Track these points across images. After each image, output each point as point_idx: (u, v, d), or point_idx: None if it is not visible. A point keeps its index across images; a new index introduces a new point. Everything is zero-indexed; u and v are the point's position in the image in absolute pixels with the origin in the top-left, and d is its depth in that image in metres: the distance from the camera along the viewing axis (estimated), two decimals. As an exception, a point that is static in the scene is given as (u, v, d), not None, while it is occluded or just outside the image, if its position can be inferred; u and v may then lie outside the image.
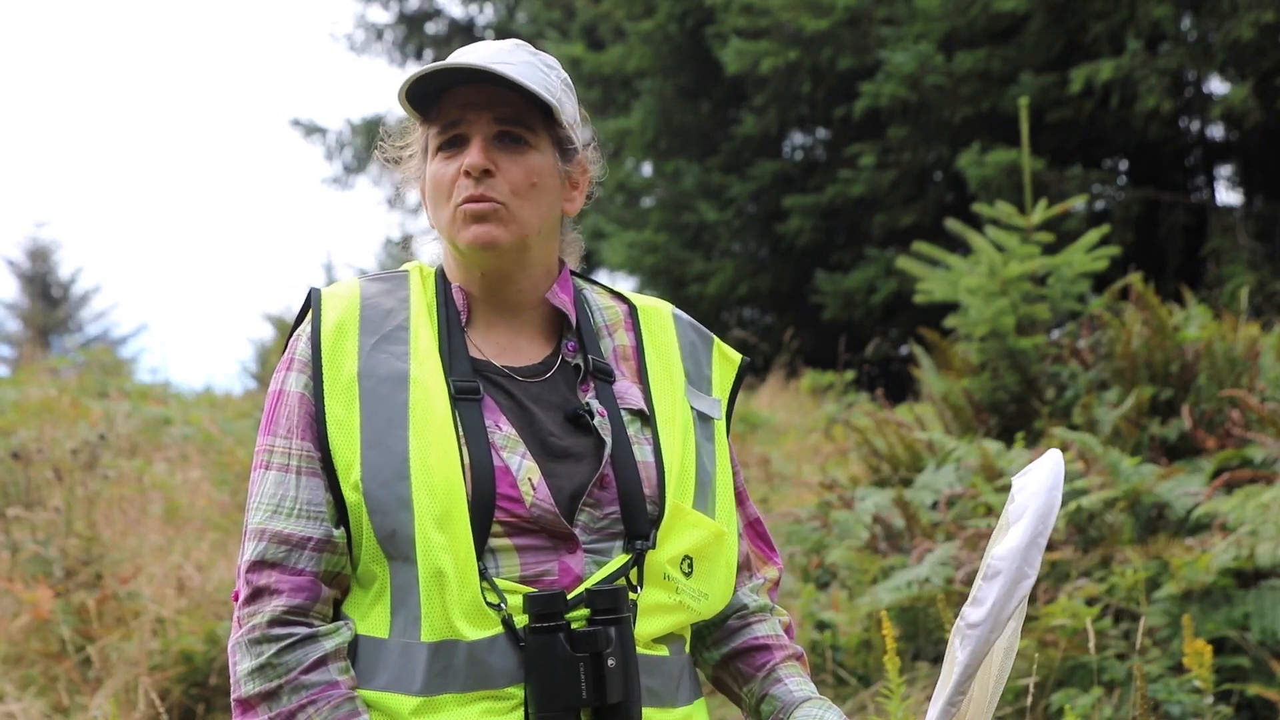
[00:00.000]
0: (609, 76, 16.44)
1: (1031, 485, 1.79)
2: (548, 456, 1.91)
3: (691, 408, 2.04)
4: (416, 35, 21.14)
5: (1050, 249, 7.12)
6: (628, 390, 2.01)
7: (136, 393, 10.40)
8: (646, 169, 16.72)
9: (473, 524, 1.84)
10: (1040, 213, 6.79)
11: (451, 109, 1.96)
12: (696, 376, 2.08)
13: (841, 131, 14.99)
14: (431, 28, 21.29)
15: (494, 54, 1.97)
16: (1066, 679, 4.48)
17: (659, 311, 2.11)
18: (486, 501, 1.85)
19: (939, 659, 4.87)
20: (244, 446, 8.13)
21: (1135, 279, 6.44)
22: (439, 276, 2.03)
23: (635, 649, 1.87)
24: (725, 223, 15.11)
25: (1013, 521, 1.78)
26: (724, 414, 2.09)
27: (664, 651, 1.94)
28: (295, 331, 1.97)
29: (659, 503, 1.94)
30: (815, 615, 5.18)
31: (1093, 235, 6.83)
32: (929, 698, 4.56)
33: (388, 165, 2.10)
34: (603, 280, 2.18)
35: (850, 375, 10.81)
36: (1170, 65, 11.85)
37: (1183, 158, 14.22)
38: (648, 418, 1.99)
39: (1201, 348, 6.03)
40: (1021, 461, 5.44)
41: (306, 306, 1.98)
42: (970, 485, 5.54)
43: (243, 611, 1.86)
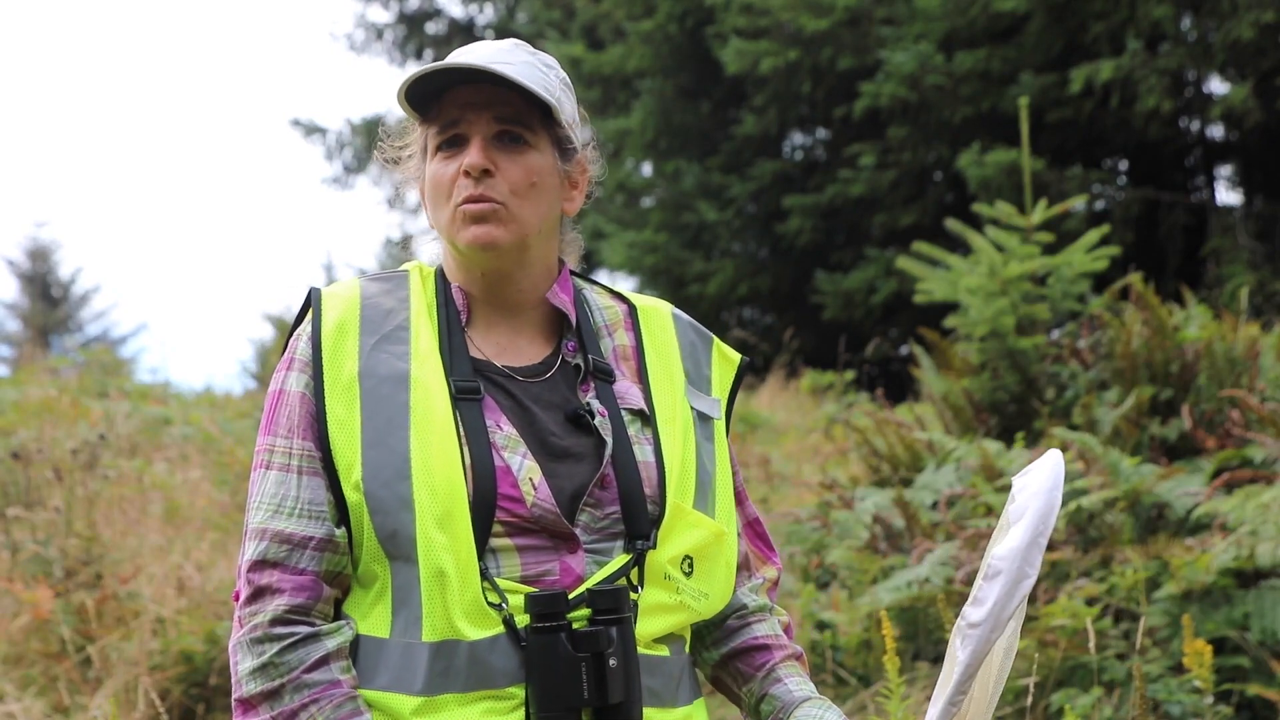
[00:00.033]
0: (609, 76, 16.44)
1: (1032, 485, 1.79)
2: (548, 456, 1.91)
3: (691, 407, 2.04)
4: (416, 35, 21.15)
5: (1050, 249, 7.11)
6: (628, 390, 2.01)
7: (136, 393, 10.39)
8: (646, 169, 16.72)
9: (474, 524, 1.84)
10: (1040, 213, 6.78)
11: (451, 109, 1.96)
12: (696, 376, 2.08)
13: (841, 131, 14.99)
14: (431, 27, 21.30)
15: (493, 54, 1.96)
16: (1066, 679, 4.48)
17: (658, 311, 2.11)
18: (488, 501, 1.85)
19: (939, 659, 4.87)
20: (244, 446, 8.12)
21: (1135, 279, 6.44)
22: (438, 276, 2.03)
23: (636, 649, 1.87)
24: (725, 223, 15.11)
25: (1013, 521, 1.78)
26: (723, 414, 2.09)
27: (664, 651, 1.94)
28: (295, 331, 1.97)
29: (659, 503, 1.94)
30: (815, 615, 5.18)
31: (1093, 235, 6.83)
32: (929, 698, 4.56)
33: (387, 165, 2.10)
34: (603, 280, 2.17)
35: (850, 375, 10.81)
36: (1170, 65, 11.85)
37: (1183, 158, 14.22)
38: (648, 418, 1.99)
39: (1201, 348, 6.03)
40: (1021, 461, 5.44)
41: (306, 306, 1.98)
42: (970, 485, 5.54)
43: (244, 611, 1.86)
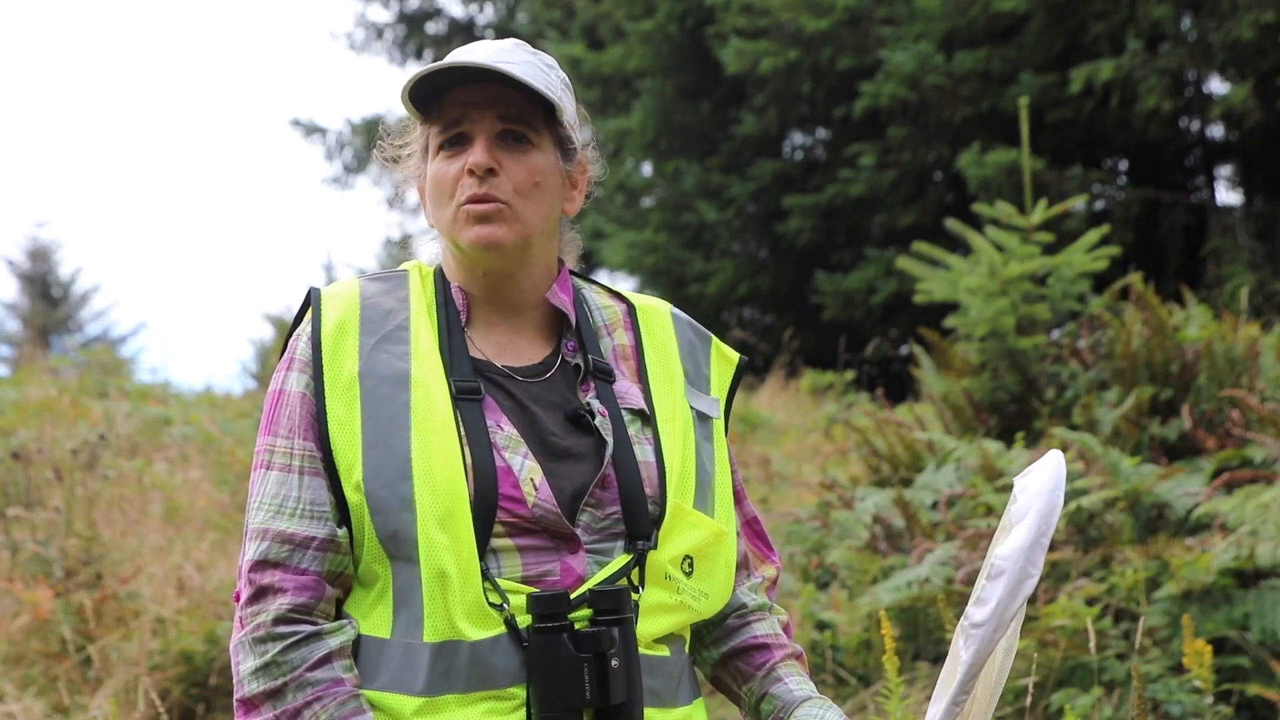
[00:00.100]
0: (609, 76, 16.44)
1: (1034, 486, 1.79)
2: (549, 457, 1.91)
3: (691, 407, 2.04)
4: (416, 35, 21.15)
5: (1050, 249, 7.11)
6: (628, 390, 2.01)
7: (136, 393, 10.39)
8: (646, 169, 16.72)
9: (475, 524, 1.84)
10: (1040, 213, 6.78)
11: (453, 108, 1.96)
12: (695, 376, 2.08)
13: (841, 131, 14.99)
14: (432, 27, 21.30)
15: (495, 53, 1.96)
16: (1066, 679, 4.48)
17: (657, 311, 2.11)
18: (489, 502, 1.85)
19: (939, 659, 4.87)
20: (244, 446, 8.12)
21: (1135, 279, 6.44)
22: (438, 276, 2.03)
23: (637, 649, 1.87)
24: (725, 223, 15.11)
25: (1015, 522, 1.78)
26: (722, 413, 2.09)
27: (665, 652, 1.94)
28: (295, 331, 1.97)
29: (660, 503, 1.94)
30: (815, 615, 5.17)
31: (1093, 235, 6.83)
32: (929, 698, 4.55)
33: (386, 164, 2.09)
34: (602, 280, 2.17)
35: (850, 375, 10.81)
36: (1170, 65, 11.85)
37: (1183, 158, 14.22)
38: (648, 417, 1.99)
39: (1201, 348, 6.03)
40: (1021, 461, 5.44)
41: (306, 306, 1.98)
42: (970, 485, 5.54)
43: (245, 611, 1.86)
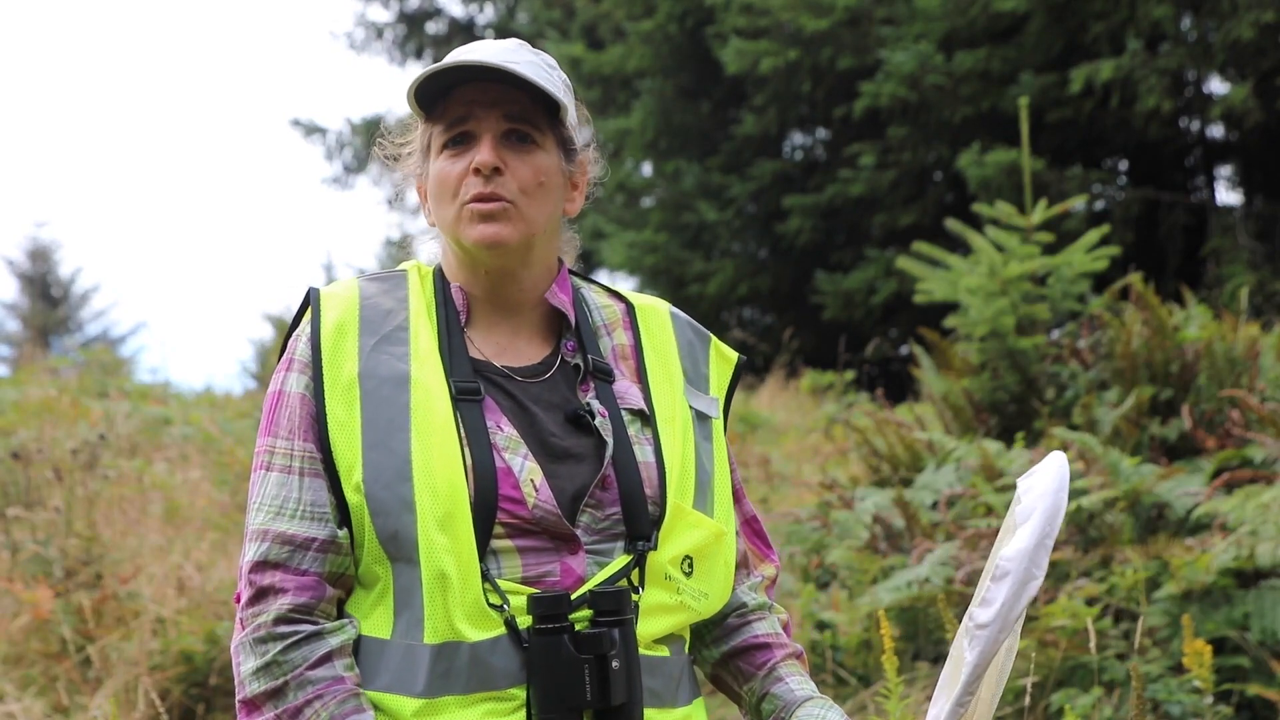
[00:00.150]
0: (609, 76, 16.44)
1: (1038, 487, 1.79)
2: (549, 457, 1.91)
3: (690, 406, 2.03)
4: (416, 34, 21.15)
5: (1050, 249, 7.11)
6: (627, 390, 2.00)
7: (136, 393, 10.39)
8: (646, 169, 16.72)
9: (475, 525, 1.83)
10: (1040, 213, 6.78)
11: (458, 106, 1.95)
12: (694, 375, 2.07)
13: (841, 131, 14.99)
14: (432, 27, 21.30)
15: (500, 52, 1.96)
16: (1066, 679, 4.48)
17: (656, 310, 2.10)
18: (489, 503, 1.85)
19: (939, 659, 4.87)
20: (244, 446, 8.12)
21: (1135, 279, 6.44)
22: (437, 276, 2.02)
23: (638, 650, 1.87)
24: (725, 223, 15.11)
25: (1020, 523, 1.78)
26: (721, 413, 2.09)
27: (665, 652, 1.94)
28: (294, 332, 1.96)
29: (660, 503, 1.94)
30: (815, 615, 5.17)
31: (1093, 235, 6.83)
32: (929, 698, 4.55)
33: (386, 162, 2.09)
34: (602, 280, 2.17)
35: (850, 375, 10.81)
36: (1170, 65, 11.85)
37: (1183, 158, 14.22)
38: (648, 417, 1.99)
39: (1201, 348, 6.03)
40: (1022, 461, 5.44)
41: (305, 306, 1.97)
42: (970, 485, 5.54)
43: (246, 612, 1.86)
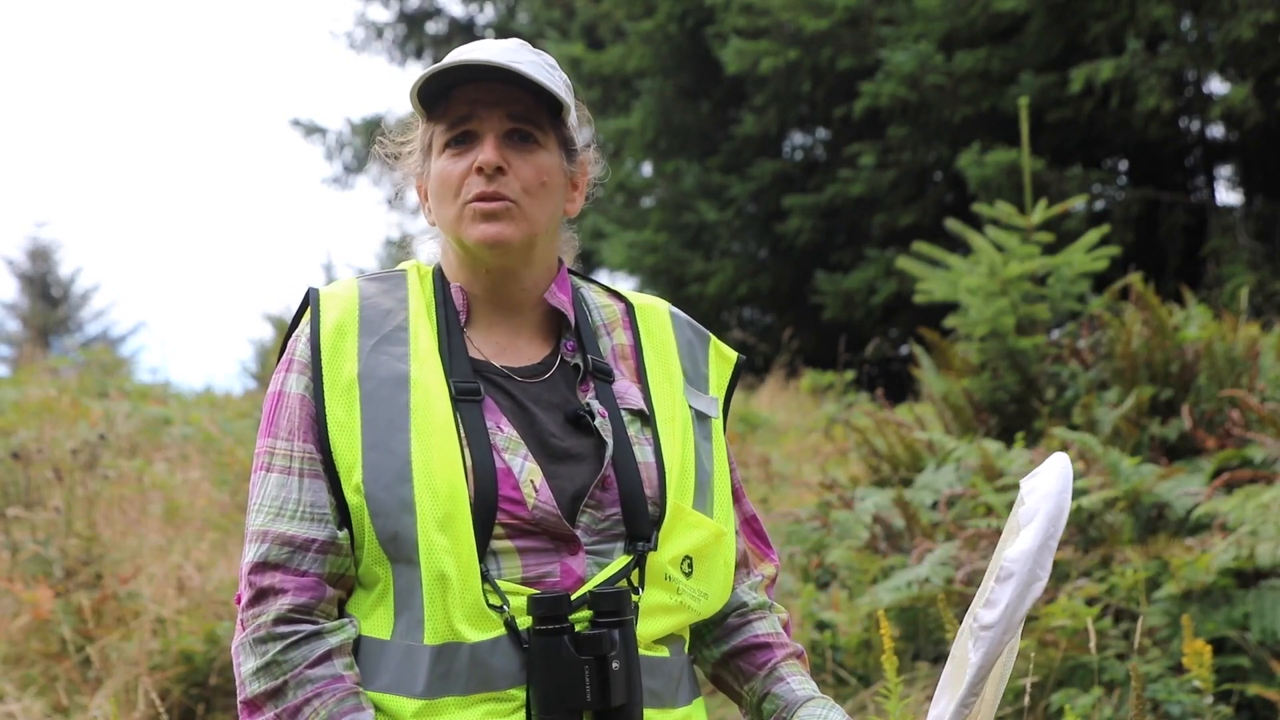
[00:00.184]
0: (609, 76, 16.44)
1: (1041, 488, 1.80)
2: (549, 458, 1.91)
3: (690, 406, 2.03)
4: (416, 34, 21.15)
5: (1050, 249, 7.11)
6: (627, 390, 2.00)
7: (136, 393, 10.39)
8: (646, 169, 16.72)
9: (475, 526, 1.83)
10: (1040, 213, 6.78)
11: (461, 105, 1.95)
12: (694, 375, 2.07)
13: (841, 131, 14.99)
14: (432, 27, 21.29)
15: (502, 52, 1.95)
16: (1066, 679, 4.48)
17: (656, 310, 2.10)
18: (489, 504, 1.84)
19: (939, 659, 4.87)
20: (244, 446, 8.12)
21: (1135, 279, 6.44)
22: (436, 275, 2.02)
23: (638, 651, 1.87)
24: (725, 223, 15.11)
25: (1024, 524, 1.78)
26: (721, 412, 2.09)
27: (664, 652, 1.94)
28: (294, 332, 1.96)
29: (660, 503, 1.93)
30: (815, 615, 5.17)
31: (1093, 235, 6.83)
32: (929, 698, 4.56)
33: (386, 161, 2.09)
34: (602, 280, 2.17)
35: (850, 375, 10.81)
36: (1170, 65, 11.85)
37: (1183, 158, 14.21)
38: (647, 418, 1.99)
39: (1201, 348, 6.02)
40: (1022, 461, 5.44)
41: (304, 306, 1.97)
42: (970, 485, 5.54)
43: (247, 613, 1.86)
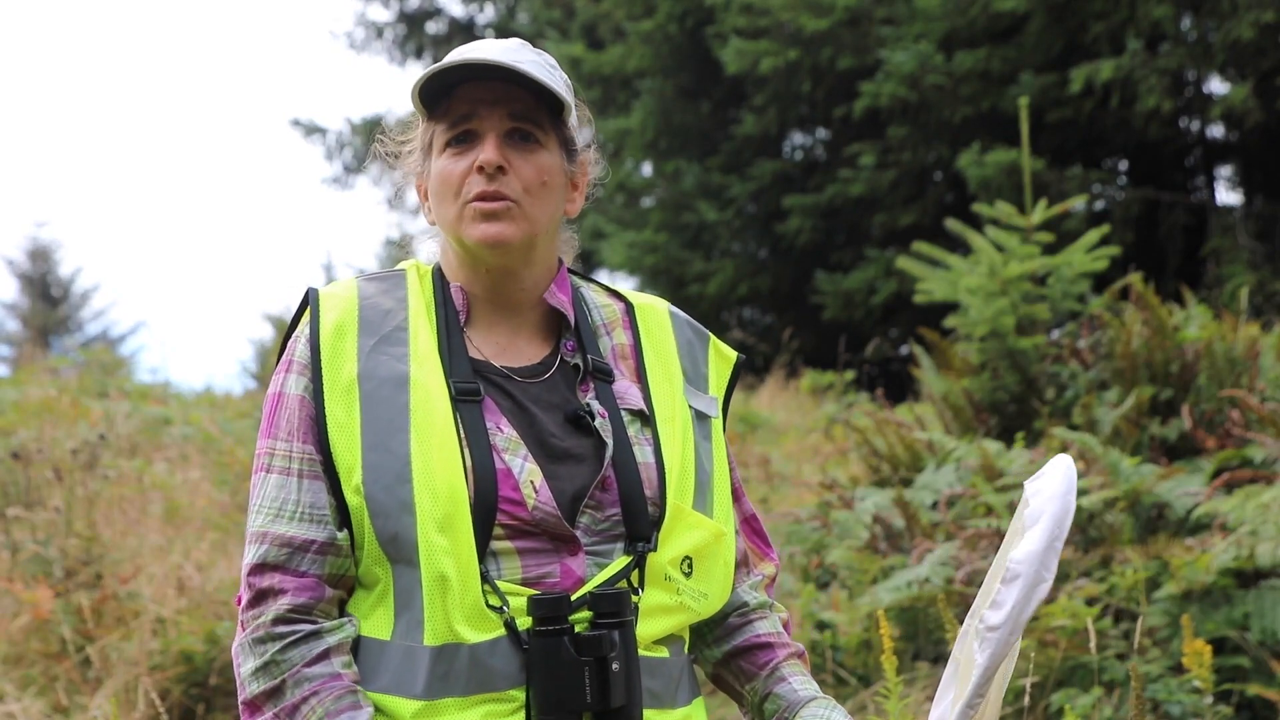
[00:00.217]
0: (609, 76, 16.44)
1: (1047, 490, 1.80)
2: (548, 458, 1.91)
3: (689, 406, 2.03)
4: (416, 34, 21.14)
5: (1050, 249, 7.11)
6: (627, 390, 2.00)
7: (136, 393, 10.39)
8: (646, 169, 16.72)
9: (474, 527, 1.83)
10: (1040, 213, 6.78)
11: (462, 104, 1.94)
12: (694, 375, 2.07)
13: (841, 131, 14.99)
14: (432, 27, 21.29)
15: (504, 51, 1.95)
16: (1066, 679, 4.48)
17: (655, 309, 2.10)
18: (489, 504, 1.84)
19: (939, 659, 4.87)
20: (244, 446, 8.12)
21: (1135, 279, 6.44)
22: (436, 275, 2.02)
23: (637, 652, 1.87)
24: (725, 223, 15.11)
25: (1029, 525, 1.78)
26: (720, 412, 2.08)
27: (664, 653, 1.94)
28: (293, 333, 1.96)
29: (660, 504, 1.93)
30: (815, 615, 5.17)
31: (1093, 235, 6.82)
32: (929, 698, 4.56)
33: (386, 160, 2.09)
34: (602, 280, 2.17)
35: (850, 375, 10.81)
36: (1170, 65, 11.85)
37: (1183, 158, 14.21)
38: (647, 418, 1.98)
39: (1201, 348, 6.02)
40: (1022, 461, 5.44)
41: (304, 306, 1.97)
42: (970, 485, 5.53)
43: (246, 615, 1.86)
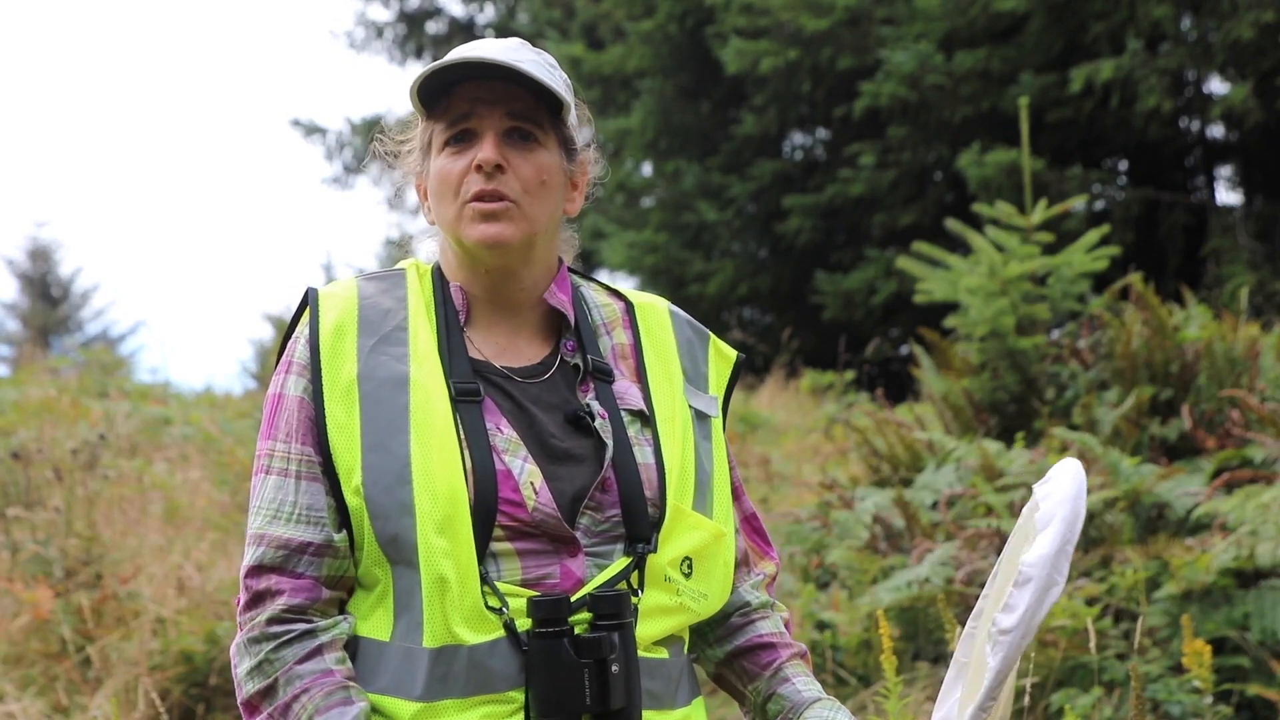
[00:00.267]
0: (609, 76, 16.43)
1: (1057, 493, 1.80)
2: (548, 459, 1.90)
3: (689, 406, 2.03)
4: (416, 34, 21.15)
5: (1050, 249, 7.11)
6: (627, 390, 2.00)
7: (136, 393, 10.40)
8: (646, 169, 16.72)
9: (474, 529, 1.83)
10: (1040, 213, 6.78)
11: (460, 103, 1.94)
12: (694, 374, 2.06)
13: (841, 131, 14.99)
14: (432, 26, 21.29)
15: (502, 50, 1.94)
16: (1066, 679, 4.48)
17: (655, 308, 2.09)
18: (488, 506, 1.84)
19: (939, 659, 4.87)
20: (244, 446, 8.12)
21: (1135, 279, 6.43)
22: (435, 274, 2.01)
23: (637, 653, 1.87)
24: (725, 223, 15.11)
25: (1040, 529, 1.79)
26: (720, 411, 2.08)
27: (664, 654, 1.94)
28: (293, 333, 1.95)
29: (660, 505, 1.93)
30: (815, 615, 5.17)
31: (1093, 235, 6.82)
32: (929, 698, 4.56)
33: (386, 160, 2.09)
34: (603, 279, 2.17)
35: (850, 375, 10.81)
36: (1170, 65, 11.85)
37: (1183, 158, 14.21)
38: (647, 418, 1.98)
39: (1201, 348, 6.02)
40: (1022, 461, 5.44)
41: (303, 306, 1.96)
42: (970, 485, 5.53)
43: (243, 617, 1.87)
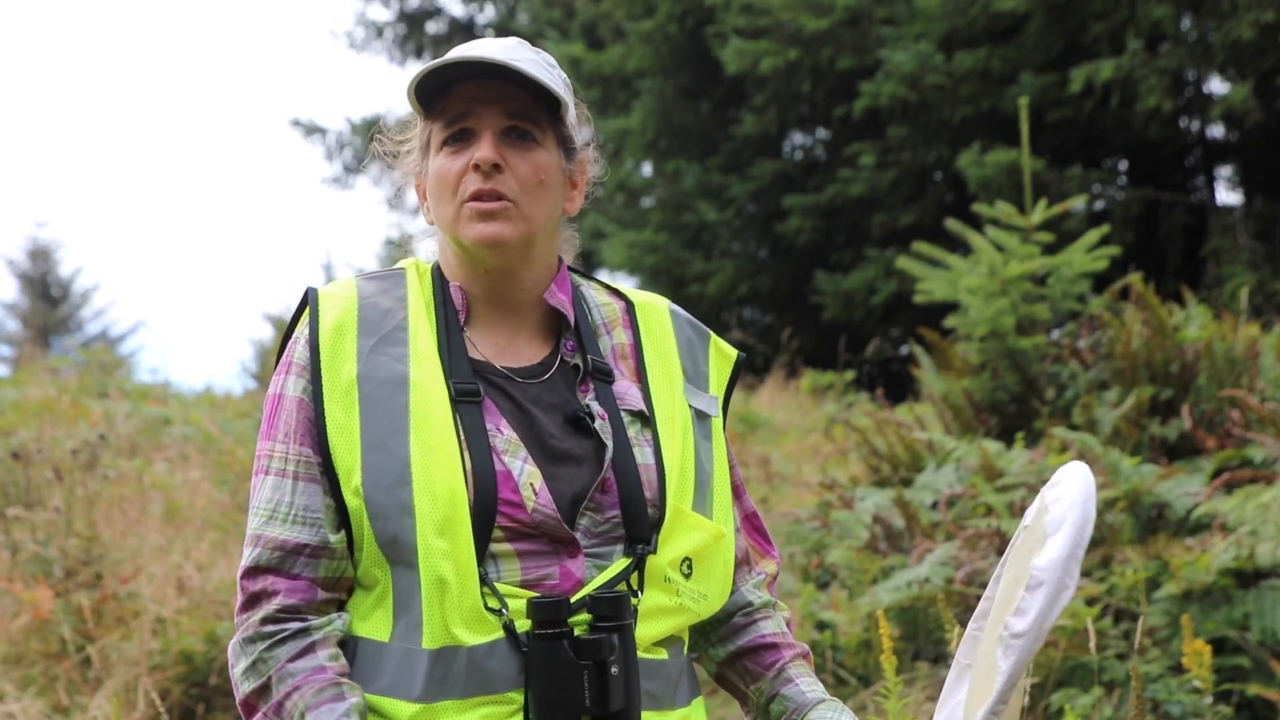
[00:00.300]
0: (609, 76, 16.43)
1: (1067, 497, 1.80)
2: (548, 460, 1.90)
3: (689, 405, 2.02)
4: (416, 34, 21.15)
5: (1050, 249, 7.11)
6: (627, 390, 1.99)
7: (136, 393, 10.40)
8: (646, 169, 16.72)
9: (474, 530, 1.83)
10: (1040, 213, 6.78)
11: (458, 103, 1.94)
12: (694, 374, 2.06)
13: (841, 131, 14.99)
14: (432, 26, 21.30)
15: (502, 49, 1.94)
16: (1066, 679, 4.48)
17: (656, 308, 2.09)
18: (488, 507, 1.84)
19: (939, 659, 4.87)
20: (244, 446, 8.12)
21: (1135, 279, 6.43)
22: (435, 274, 2.01)
23: (637, 655, 1.86)
24: (725, 223, 15.11)
25: (1050, 532, 1.78)
26: (720, 411, 2.07)
27: (663, 655, 1.93)
28: (293, 333, 1.95)
29: (660, 506, 1.93)
30: (815, 615, 5.17)
31: (1093, 235, 6.82)
32: (929, 698, 4.56)
33: (385, 160, 2.08)
34: (603, 279, 2.17)
35: (850, 375, 10.81)
36: (1170, 65, 11.85)
37: (1183, 158, 14.21)
38: (647, 418, 1.98)
39: (1201, 348, 6.02)
40: (1022, 461, 5.44)
41: (303, 306, 1.96)
42: (970, 485, 5.53)
43: (240, 617, 1.87)
